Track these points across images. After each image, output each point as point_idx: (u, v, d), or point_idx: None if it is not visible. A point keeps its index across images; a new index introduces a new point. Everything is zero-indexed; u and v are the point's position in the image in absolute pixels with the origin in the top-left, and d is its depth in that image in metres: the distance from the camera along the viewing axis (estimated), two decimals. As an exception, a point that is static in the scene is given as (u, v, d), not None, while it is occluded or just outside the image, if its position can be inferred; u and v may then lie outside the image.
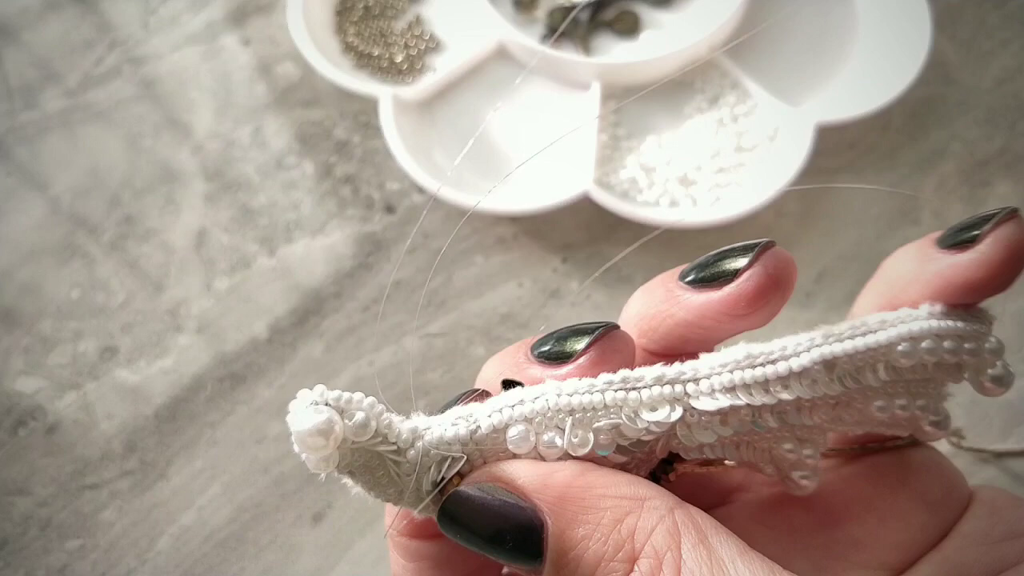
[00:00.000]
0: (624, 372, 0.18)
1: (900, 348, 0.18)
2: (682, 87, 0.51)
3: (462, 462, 0.18)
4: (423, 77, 0.52)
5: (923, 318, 0.19)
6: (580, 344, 0.20)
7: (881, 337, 0.18)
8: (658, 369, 0.18)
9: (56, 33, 0.56)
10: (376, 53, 0.53)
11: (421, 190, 0.49)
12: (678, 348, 0.21)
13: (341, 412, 0.17)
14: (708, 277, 0.20)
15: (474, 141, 0.50)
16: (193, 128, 0.52)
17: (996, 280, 0.19)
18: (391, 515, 0.21)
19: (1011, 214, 0.19)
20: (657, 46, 0.52)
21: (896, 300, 0.21)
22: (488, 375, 0.21)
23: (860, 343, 0.18)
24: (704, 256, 0.20)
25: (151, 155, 0.51)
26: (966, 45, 0.53)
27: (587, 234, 0.48)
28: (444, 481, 0.18)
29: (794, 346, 0.18)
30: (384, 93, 0.48)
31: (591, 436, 0.18)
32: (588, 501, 0.17)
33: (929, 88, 0.52)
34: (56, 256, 0.48)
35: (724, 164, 0.48)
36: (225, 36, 0.55)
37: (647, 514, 0.17)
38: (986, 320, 0.20)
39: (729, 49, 0.51)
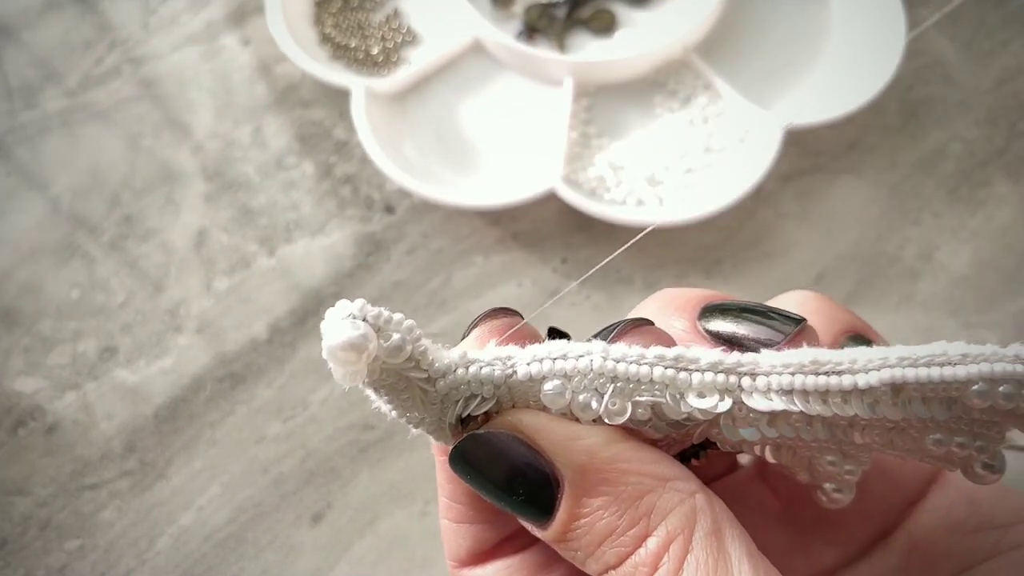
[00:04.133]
0: (679, 350, 0.17)
1: (975, 388, 0.17)
2: (655, 87, 0.51)
3: (491, 403, 0.18)
4: (398, 70, 0.52)
5: (1009, 359, 0.17)
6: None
7: (959, 372, 0.17)
8: (716, 354, 0.17)
9: (56, 33, 0.56)
10: (353, 45, 0.53)
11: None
12: None
13: (378, 330, 0.16)
14: (731, 340, 0.19)
15: (445, 135, 0.50)
16: (193, 128, 0.52)
17: None
18: None
19: None
20: (632, 45, 0.52)
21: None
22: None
23: (936, 373, 0.17)
24: (734, 305, 0.19)
25: (151, 155, 0.51)
26: (966, 45, 0.53)
27: (587, 235, 0.48)
28: (469, 418, 0.18)
29: (864, 361, 0.17)
30: (356, 84, 0.48)
31: (629, 407, 0.17)
32: (610, 474, 0.17)
33: (929, 88, 0.52)
34: (56, 256, 0.48)
35: (692, 165, 0.48)
36: (225, 36, 0.55)
37: (668, 495, 0.17)
38: None
39: (704, 51, 0.51)
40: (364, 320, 0.16)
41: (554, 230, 0.48)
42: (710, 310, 0.19)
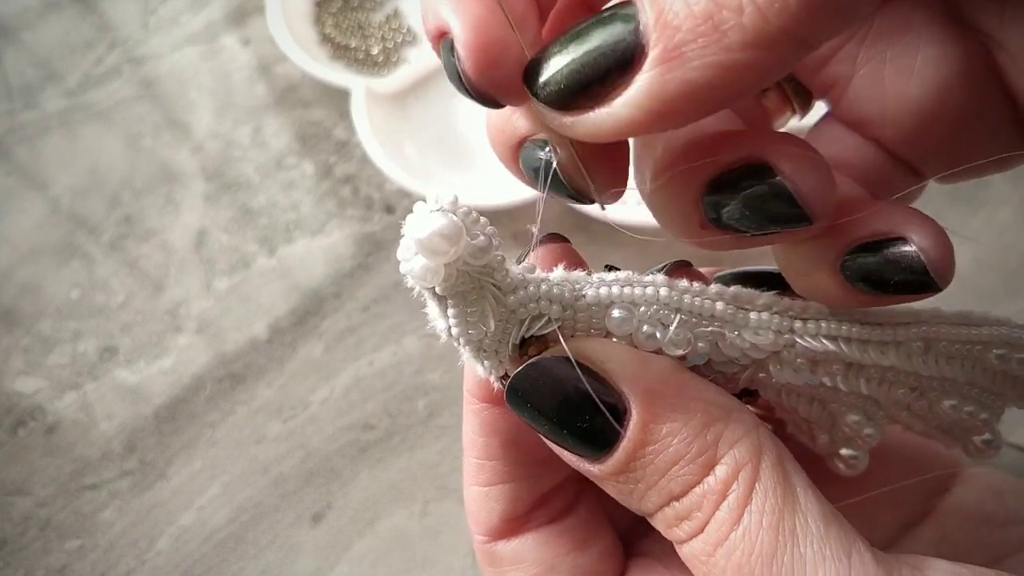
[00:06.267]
0: (738, 288, 0.18)
1: (995, 352, 0.18)
2: None
3: (556, 325, 0.17)
4: (398, 70, 0.52)
5: None
6: None
7: (984, 332, 0.18)
8: (771, 297, 0.18)
9: (56, 33, 0.56)
10: (353, 45, 0.53)
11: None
12: None
13: (465, 229, 0.16)
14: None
15: (445, 135, 0.50)
16: (193, 128, 0.52)
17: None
18: (470, 380, 0.20)
19: None
20: None
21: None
22: None
23: (963, 332, 0.18)
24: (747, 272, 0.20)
25: (151, 155, 0.51)
26: (966, 45, 0.53)
27: (587, 235, 0.47)
28: (528, 344, 0.17)
29: (903, 316, 0.18)
30: (357, 84, 0.49)
31: (691, 338, 0.17)
32: (679, 401, 0.16)
33: (929, 88, 0.52)
34: (56, 256, 0.48)
35: None
36: (225, 36, 0.55)
37: (735, 425, 0.16)
38: None
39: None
40: (454, 214, 0.16)
41: (553, 230, 0.48)
42: (725, 278, 0.20)
